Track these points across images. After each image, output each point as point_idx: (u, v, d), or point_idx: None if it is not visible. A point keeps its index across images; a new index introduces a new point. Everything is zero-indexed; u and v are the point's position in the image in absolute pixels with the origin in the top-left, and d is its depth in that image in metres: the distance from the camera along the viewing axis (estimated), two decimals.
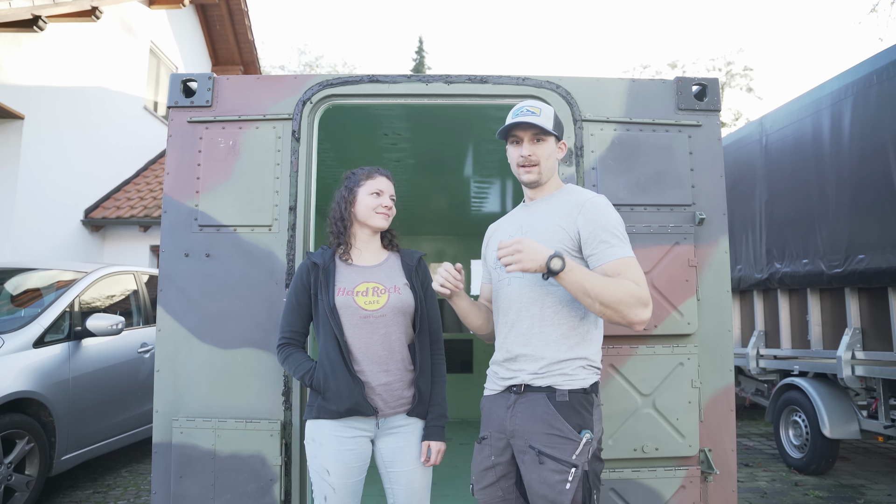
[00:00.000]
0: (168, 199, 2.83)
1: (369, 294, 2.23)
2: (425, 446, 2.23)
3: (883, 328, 4.49)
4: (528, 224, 2.10)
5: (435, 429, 2.25)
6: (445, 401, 2.32)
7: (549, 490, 1.85)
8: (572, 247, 1.99)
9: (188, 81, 2.91)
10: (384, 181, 2.33)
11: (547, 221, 2.05)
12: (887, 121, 4.34)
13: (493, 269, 2.16)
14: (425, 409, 2.26)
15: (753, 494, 4.70)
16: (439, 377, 2.33)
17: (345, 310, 2.20)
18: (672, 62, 27.57)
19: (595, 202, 2.02)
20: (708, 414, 2.77)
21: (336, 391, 2.15)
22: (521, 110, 2.08)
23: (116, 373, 4.69)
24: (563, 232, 2.00)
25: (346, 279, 2.25)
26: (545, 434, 1.90)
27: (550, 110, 2.10)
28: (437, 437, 2.24)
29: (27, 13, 7.05)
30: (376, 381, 2.18)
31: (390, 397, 2.20)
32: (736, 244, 5.98)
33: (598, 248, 1.95)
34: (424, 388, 2.25)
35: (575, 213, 2.01)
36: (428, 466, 2.24)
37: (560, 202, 2.09)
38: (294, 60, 31.20)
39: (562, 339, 1.96)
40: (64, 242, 9.17)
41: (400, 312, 2.24)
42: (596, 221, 1.97)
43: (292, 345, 2.29)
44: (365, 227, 2.32)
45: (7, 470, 3.77)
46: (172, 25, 12.13)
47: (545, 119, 2.05)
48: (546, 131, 2.04)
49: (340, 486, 2.16)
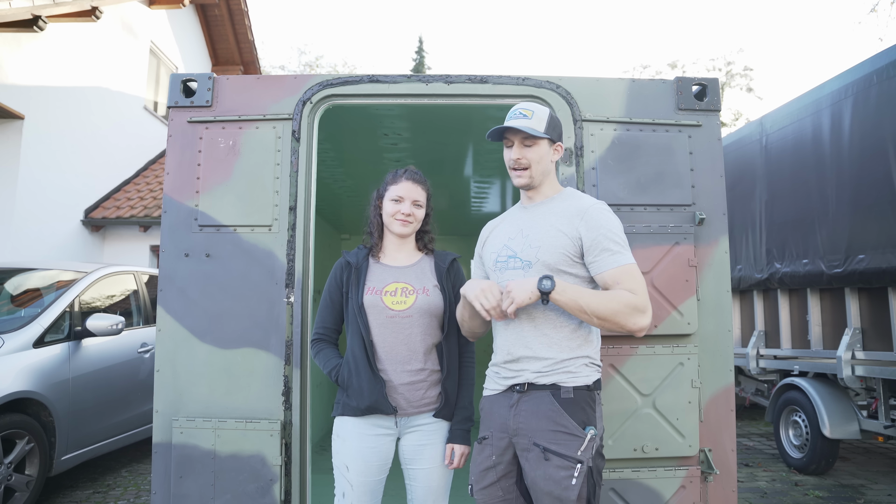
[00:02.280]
0: (168, 199, 2.83)
1: (398, 294, 2.25)
2: (449, 449, 2.23)
3: (883, 328, 4.49)
4: (527, 227, 2.09)
5: (460, 432, 2.25)
6: (472, 404, 2.31)
7: (554, 486, 1.85)
8: (574, 253, 1.99)
9: (188, 81, 2.91)
10: (407, 186, 2.30)
11: (548, 226, 2.04)
12: (887, 121, 4.34)
13: (493, 271, 2.15)
14: (451, 412, 2.26)
15: (753, 494, 4.70)
16: (467, 380, 2.32)
17: (372, 309, 2.22)
18: (672, 62, 27.59)
19: (597, 208, 2.03)
20: (708, 414, 2.77)
21: (358, 388, 2.19)
22: (513, 113, 2.08)
23: (116, 373, 4.69)
24: (566, 238, 2.00)
25: (376, 279, 2.28)
26: (550, 431, 1.90)
27: (545, 112, 2.08)
28: (461, 441, 2.24)
29: (27, 13, 7.05)
30: (398, 381, 2.20)
31: (413, 397, 2.21)
32: (736, 244, 5.98)
33: (600, 256, 1.97)
34: (451, 390, 2.25)
35: (577, 220, 2.01)
36: (451, 469, 2.25)
37: (561, 207, 2.08)
38: (294, 60, 31.22)
39: (564, 342, 1.98)
40: (64, 242, 9.17)
41: (427, 314, 2.24)
42: (598, 228, 1.98)
43: (324, 340, 2.36)
44: (390, 232, 2.34)
45: (7, 470, 3.77)
46: (172, 25, 12.13)
47: (536, 122, 2.04)
48: (533, 136, 2.03)
49: (359, 484, 2.18)
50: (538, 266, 2.00)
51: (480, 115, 3.44)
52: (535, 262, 2.01)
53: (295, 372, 2.72)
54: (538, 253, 2.01)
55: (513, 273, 2.04)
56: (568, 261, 1.99)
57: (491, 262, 2.15)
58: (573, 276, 2.00)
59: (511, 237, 2.12)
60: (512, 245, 2.10)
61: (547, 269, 1.98)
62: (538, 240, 2.03)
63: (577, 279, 2.01)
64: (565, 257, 1.99)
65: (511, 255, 2.07)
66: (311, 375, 2.79)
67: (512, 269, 2.05)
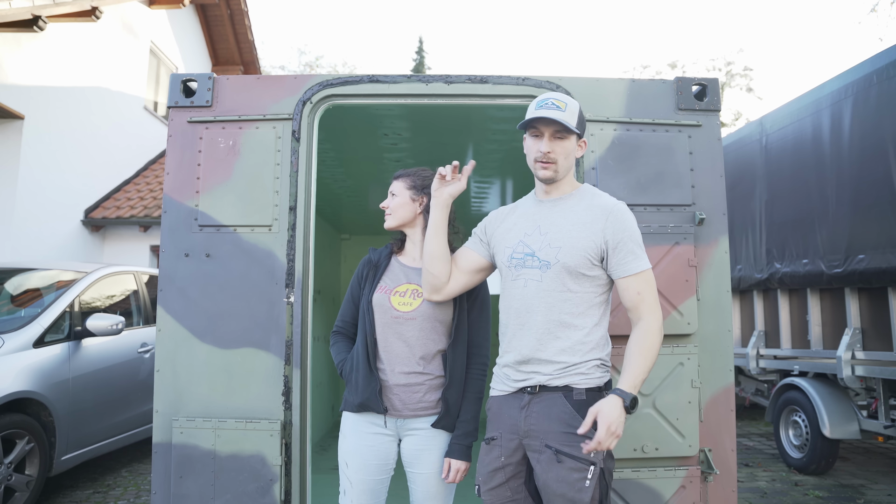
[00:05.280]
0: (168, 199, 2.83)
1: (406, 295, 2.25)
2: (447, 463, 2.17)
3: (883, 328, 4.49)
4: (546, 224, 2.04)
5: (459, 447, 2.17)
6: (477, 419, 2.23)
7: (568, 489, 1.84)
8: (595, 255, 1.97)
9: (188, 81, 2.91)
10: (392, 185, 2.37)
11: (570, 226, 2.00)
12: (887, 121, 4.34)
13: (507, 268, 2.07)
14: (452, 423, 2.20)
15: (753, 494, 4.70)
16: (473, 393, 2.24)
17: (379, 308, 2.24)
18: (672, 62, 27.60)
19: (622, 210, 2.02)
20: (708, 414, 2.77)
21: (355, 384, 2.22)
22: (545, 102, 1.98)
23: (116, 373, 4.69)
24: (589, 240, 1.96)
25: (391, 278, 2.30)
26: (563, 433, 1.89)
27: (576, 106, 2.02)
28: (459, 456, 2.17)
29: (27, 13, 7.05)
30: (394, 381, 2.19)
31: (409, 399, 2.19)
32: (736, 244, 5.98)
33: (624, 259, 1.96)
34: (453, 399, 2.19)
35: (602, 220, 1.98)
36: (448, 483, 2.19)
37: (583, 206, 2.04)
38: (294, 60, 31.21)
39: (577, 346, 1.95)
40: (64, 242, 9.17)
41: (431, 318, 2.22)
42: (624, 231, 1.97)
43: (342, 334, 2.39)
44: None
45: (7, 470, 3.77)
46: (172, 25, 12.13)
47: (570, 115, 1.98)
48: (569, 129, 1.97)
49: (358, 482, 2.18)
50: (557, 268, 1.95)
51: (480, 116, 3.43)
52: (553, 264, 1.96)
53: (295, 372, 2.72)
54: (558, 254, 1.96)
55: (529, 272, 1.99)
56: (587, 264, 1.96)
57: (505, 258, 2.08)
58: (590, 279, 1.97)
59: (527, 233, 2.05)
60: (529, 242, 2.03)
61: (566, 270, 1.95)
62: (559, 240, 1.98)
63: (593, 281, 1.98)
64: (586, 260, 1.95)
65: (528, 254, 2.01)
66: (311, 375, 2.80)
67: (529, 269, 2.00)
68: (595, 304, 2.00)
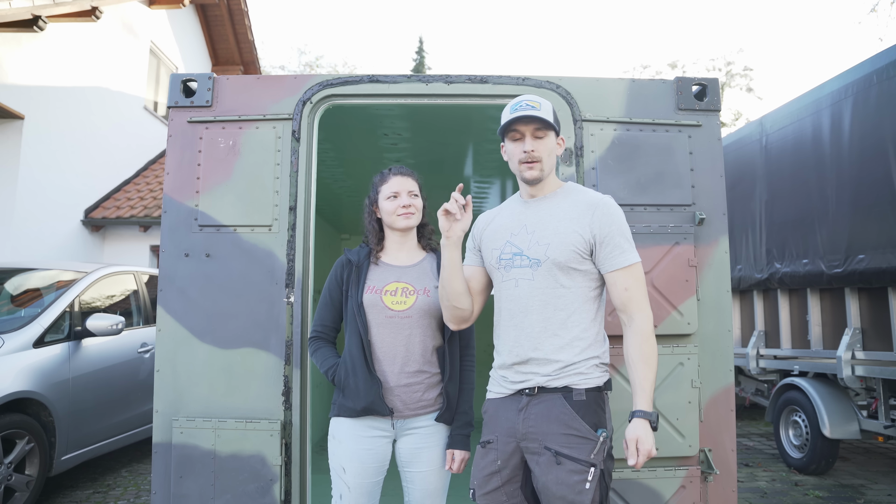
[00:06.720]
0: (168, 199, 2.83)
1: (398, 294, 2.23)
2: (450, 454, 2.22)
3: (883, 328, 4.49)
4: (532, 223, 2.05)
5: (460, 437, 2.24)
6: (472, 409, 2.29)
7: (568, 491, 1.83)
8: (584, 249, 1.97)
9: (188, 81, 2.91)
10: (398, 181, 2.30)
11: (556, 223, 2.01)
12: (887, 121, 4.34)
13: (496, 269, 2.08)
14: (452, 416, 2.24)
15: (753, 494, 4.70)
16: (467, 384, 2.30)
17: (371, 308, 2.21)
18: (672, 62, 27.60)
19: (608, 204, 2.02)
20: (708, 414, 2.77)
21: (354, 389, 2.18)
22: (519, 104, 2.02)
23: (116, 373, 4.69)
24: (576, 235, 1.97)
25: (377, 278, 2.26)
26: (562, 434, 1.88)
27: (549, 105, 2.05)
28: (461, 446, 2.23)
29: (27, 13, 7.05)
30: (395, 382, 2.19)
31: (410, 399, 2.20)
32: (736, 244, 5.98)
33: (612, 252, 1.97)
34: (453, 393, 2.23)
35: (588, 216, 1.99)
36: (451, 472, 2.23)
37: (568, 202, 2.05)
38: (294, 60, 31.21)
39: (574, 342, 1.95)
40: (64, 242, 9.17)
41: (427, 315, 2.23)
42: (611, 225, 1.98)
43: (322, 339, 2.33)
44: (394, 230, 2.32)
45: (7, 470, 3.77)
46: (172, 25, 12.13)
47: (545, 113, 2.01)
48: (548, 124, 2.00)
49: (356, 486, 2.17)
50: (547, 264, 1.96)
51: (480, 116, 3.44)
52: (543, 261, 1.97)
53: (295, 372, 2.72)
54: (547, 251, 1.97)
55: (519, 271, 2.00)
56: (577, 258, 1.97)
57: (493, 260, 2.09)
58: (582, 273, 1.98)
59: (514, 233, 2.06)
60: (516, 242, 2.04)
61: (557, 266, 1.95)
62: (546, 236, 1.99)
63: (585, 275, 1.99)
64: (575, 255, 1.96)
65: (516, 253, 2.02)
66: (311, 375, 2.79)
67: (518, 268, 2.00)
68: (589, 298, 2.00)
